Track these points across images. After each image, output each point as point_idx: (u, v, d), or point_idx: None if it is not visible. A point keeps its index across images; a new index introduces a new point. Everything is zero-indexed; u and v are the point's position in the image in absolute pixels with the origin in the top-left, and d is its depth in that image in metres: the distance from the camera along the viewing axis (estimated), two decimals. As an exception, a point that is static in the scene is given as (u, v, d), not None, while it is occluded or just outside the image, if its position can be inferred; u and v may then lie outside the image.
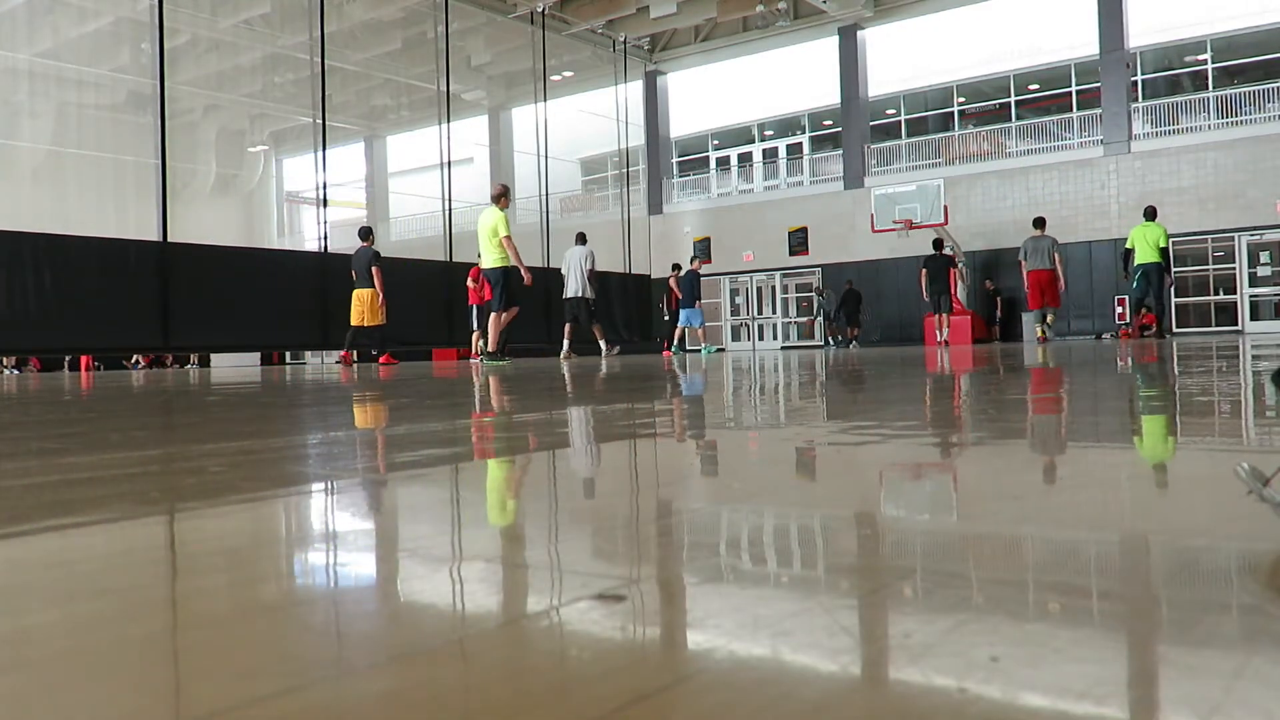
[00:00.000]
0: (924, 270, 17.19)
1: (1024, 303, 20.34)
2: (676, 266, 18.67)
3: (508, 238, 11.07)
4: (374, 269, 13.21)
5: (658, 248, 24.74)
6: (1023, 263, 15.09)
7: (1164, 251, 13.62)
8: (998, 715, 0.50)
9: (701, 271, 18.58)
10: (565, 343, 14.33)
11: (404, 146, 30.66)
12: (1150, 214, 14.04)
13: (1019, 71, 21.98)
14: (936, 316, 17.19)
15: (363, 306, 13.24)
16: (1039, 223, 15.44)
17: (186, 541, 1.16)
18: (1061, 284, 14.91)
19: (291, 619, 0.76)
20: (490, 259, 11.30)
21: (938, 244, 17.94)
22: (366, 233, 13.87)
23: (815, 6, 22.73)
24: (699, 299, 17.73)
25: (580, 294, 14.58)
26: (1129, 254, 13.93)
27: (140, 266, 12.79)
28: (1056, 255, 14.80)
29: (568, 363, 11.31)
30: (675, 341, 17.87)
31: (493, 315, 11.36)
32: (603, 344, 14.59)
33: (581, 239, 15.12)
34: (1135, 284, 13.90)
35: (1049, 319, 15.08)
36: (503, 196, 11.28)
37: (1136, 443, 1.97)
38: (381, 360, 13.56)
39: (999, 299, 20.78)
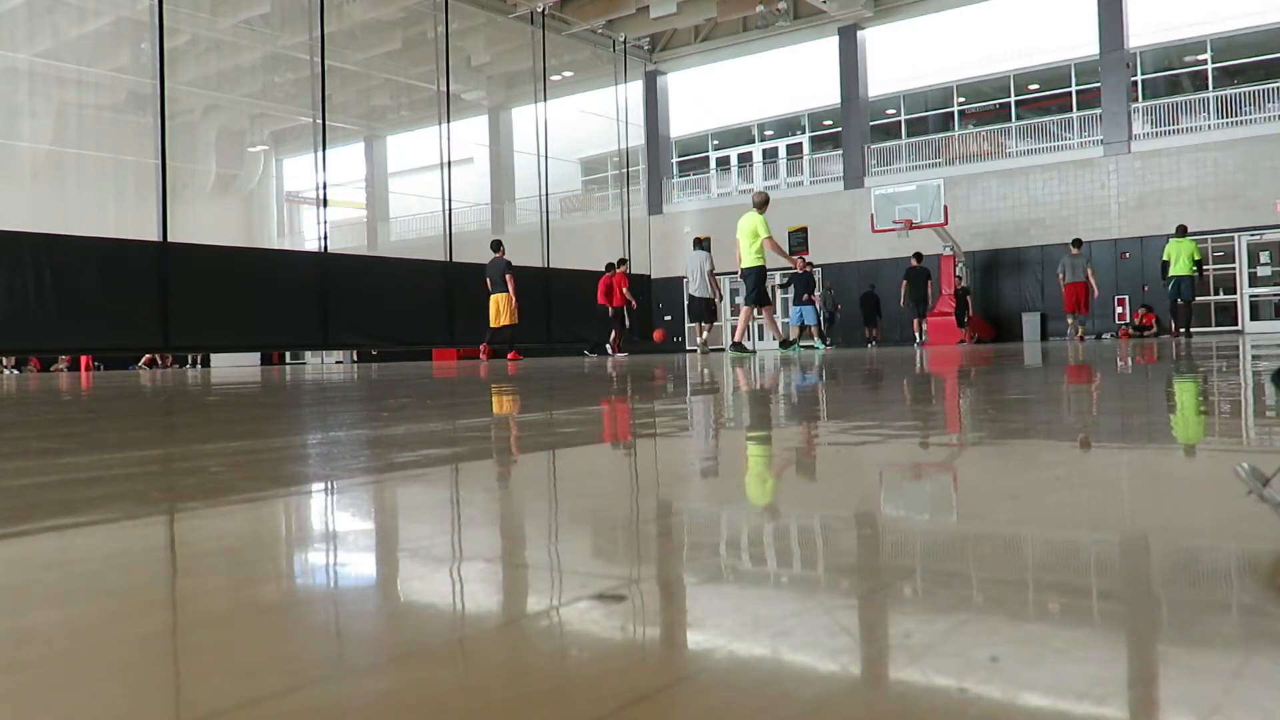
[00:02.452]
0: (905, 281, 19.55)
1: (1027, 304, 20.51)
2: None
3: (769, 238, 11.99)
4: (508, 276, 14.66)
5: (658, 248, 24.72)
6: (1061, 276, 17.31)
7: (1197, 263, 16.04)
8: (998, 715, 0.50)
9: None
10: (700, 337, 16.12)
11: (404, 146, 30.65)
12: (1181, 231, 16.35)
13: (1019, 71, 21.97)
14: (915, 321, 19.50)
15: (499, 309, 14.78)
16: (1077, 243, 17.56)
17: (186, 542, 1.16)
18: (1095, 293, 17.36)
19: (291, 619, 0.76)
20: (749, 259, 12.09)
21: (918, 256, 19.74)
22: (498, 244, 15.35)
23: (815, 6, 22.72)
24: (811, 295, 19.07)
25: (701, 294, 15.70)
26: (1166, 265, 16.26)
27: (140, 266, 12.79)
28: (1090, 270, 17.21)
29: (705, 355, 12.77)
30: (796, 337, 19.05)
31: (744, 309, 12.32)
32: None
33: (698, 244, 16.30)
34: (1169, 290, 16.22)
35: (1078, 324, 17.49)
36: (765, 204, 12.26)
37: (1135, 442, 1.97)
38: (510, 356, 14.80)
39: (969, 298, 20.46)
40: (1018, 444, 1.89)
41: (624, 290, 17.32)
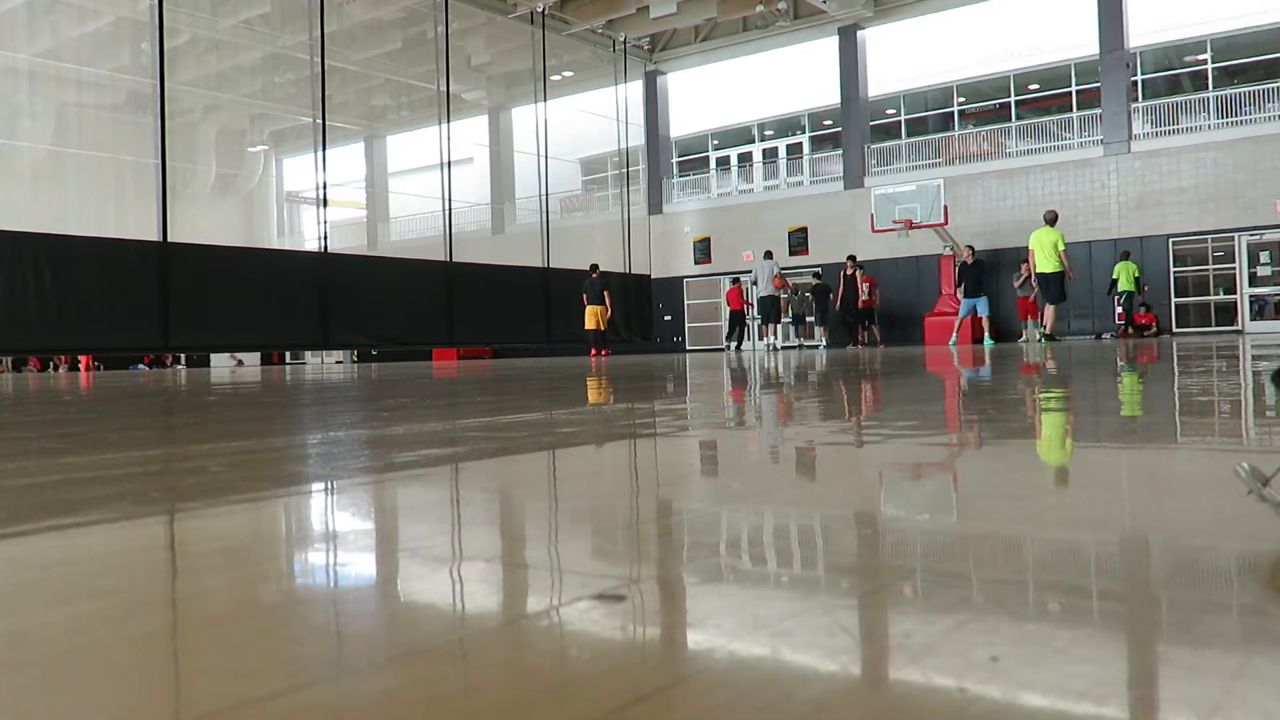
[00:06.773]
0: (810, 295, 21.01)
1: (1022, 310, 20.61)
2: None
3: (1064, 250, 14.46)
4: (605, 293, 18.43)
5: (658, 248, 24.71)
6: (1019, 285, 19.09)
7: (1138, 279, 18.68)
8: (998, 715, 0.50)
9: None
10: (768, 339, 19.80)
11: (404, 146, 30.60)
12: (1125, 255, 18.76)
13: (1019, 71, 21.94)
14: (819, 328, 21.15)
15: (596, 318, 18.33)
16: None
17: (186, 541, 1.16)
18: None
19: (291, 619, 0.76)
20: (1050, 265, 14.46)
21: (817, 275, 21.39)
22: (595, 267, 18.99)
23: (815, 6, 22.69)
24: (982, 288, 18.74)
25: (768, 293, 19.42)
26: (1114, 282, 18.69)
27: (140, 266, 12.78)
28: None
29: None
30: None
31: (1049, 307, 14.71)
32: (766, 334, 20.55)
33: (768, 255, 20.05)
34: (1122, 303, 18.91)
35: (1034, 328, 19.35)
36: (1056, 218, 14.82)
37: (1136, 442, 1.97)
38: (602, 354, 17.57)
39: (817, 299, 20.33)
40: (1015, 443, 1.89)
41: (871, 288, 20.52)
